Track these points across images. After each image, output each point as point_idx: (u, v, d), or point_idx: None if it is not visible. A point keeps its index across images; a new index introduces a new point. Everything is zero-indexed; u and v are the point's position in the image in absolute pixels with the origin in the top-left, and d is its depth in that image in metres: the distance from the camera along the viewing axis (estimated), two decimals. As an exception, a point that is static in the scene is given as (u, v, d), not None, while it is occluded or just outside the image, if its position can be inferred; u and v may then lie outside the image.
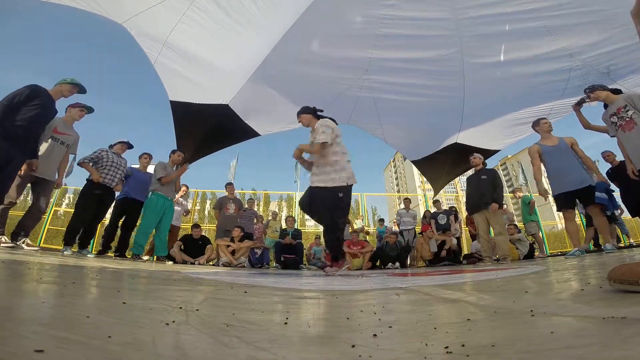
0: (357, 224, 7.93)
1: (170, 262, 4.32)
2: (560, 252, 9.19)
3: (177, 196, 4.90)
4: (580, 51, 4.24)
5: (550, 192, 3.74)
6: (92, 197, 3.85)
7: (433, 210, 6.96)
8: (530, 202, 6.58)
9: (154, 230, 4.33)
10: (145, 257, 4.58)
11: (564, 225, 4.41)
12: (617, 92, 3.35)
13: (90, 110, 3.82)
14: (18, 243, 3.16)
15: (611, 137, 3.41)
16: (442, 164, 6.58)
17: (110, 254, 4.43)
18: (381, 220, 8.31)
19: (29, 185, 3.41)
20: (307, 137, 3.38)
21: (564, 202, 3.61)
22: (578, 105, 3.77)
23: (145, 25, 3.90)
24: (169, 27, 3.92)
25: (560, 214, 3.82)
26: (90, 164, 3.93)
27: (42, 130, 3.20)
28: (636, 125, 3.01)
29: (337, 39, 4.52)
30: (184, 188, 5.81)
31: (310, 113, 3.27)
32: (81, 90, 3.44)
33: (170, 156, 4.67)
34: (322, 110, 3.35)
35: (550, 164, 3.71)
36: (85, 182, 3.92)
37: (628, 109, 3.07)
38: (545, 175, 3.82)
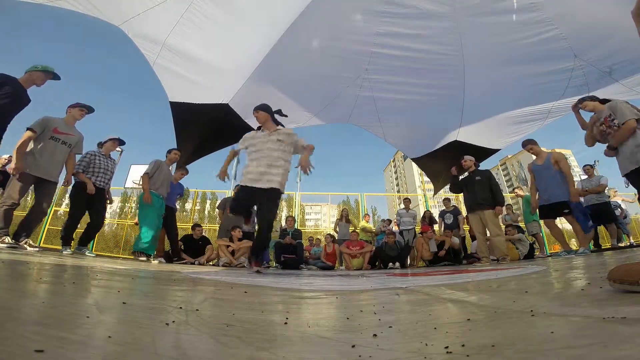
0: (364, 224, 7.94)
1: (156, 262, 4.17)
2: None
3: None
4: (585, 51, 4.23)
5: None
6: (83, 197, 3.82)
7: (442, 208, 6.92)
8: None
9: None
10: (155, 261, 4.42)
11: (562, 227, 4.56)
12: (606, 102, 3.38)
13: (90, 110, 3.81)
14: (20, 243, 3.16)
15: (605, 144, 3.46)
16: (442, 161, 6.58)
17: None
18: (383, 221, 8.30)
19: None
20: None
21: (542, 213, 4.28)
22: (576, 106, 3.78)
23: (143, 27, 3.88)
24: (167, 28, 3.91)
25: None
26: (81, 170, 3.85)
27: (11, 119, 3.08)
28: None
29: (337, 37, 4.53)
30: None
31: (270, 113, 3.20)
32: (55, 77, 3.30)
33: (167, 155, 4.65)
34: (279, 112, 3.29)
35: (537, 180, 4.33)
36: (73, 182, 3.85)
37: (613, 117, 3.10)
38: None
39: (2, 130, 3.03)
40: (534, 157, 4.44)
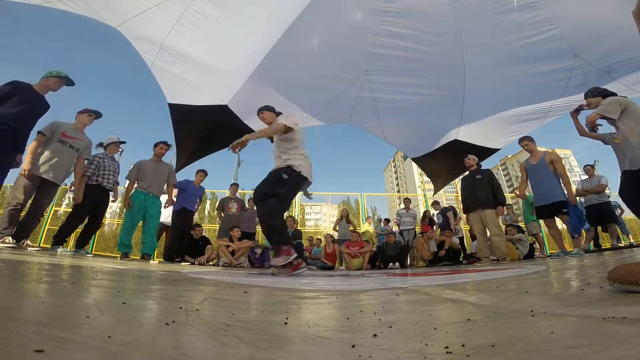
0: (366, 226, 7.97)
1: (155, 262, 4.22)
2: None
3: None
4: (584, 50, 4.23)
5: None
6: (90, 199, 3.84)
7: (432, 212, 6.97)
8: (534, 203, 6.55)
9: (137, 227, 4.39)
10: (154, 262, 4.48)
11: (562, 227, 4.55)
12: (612, 94, 3.38)
13: (98, 115, 3.86)
14: (20, 244, 3.17)
15: (605, 144, 3.50)
16: (442, 160, 6.59)
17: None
18: (381, 220, 8.32)
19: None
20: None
21: (540, 213, 4.31)
22: (576, 112, 3.79)
23: (141, 28, 3.86)
24: (165, 29, 3.89)
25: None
26: (89, 174, 3.89)
27: (32, 125, 3.15)
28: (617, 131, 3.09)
29: (337, 38, 4.52)
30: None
31: (275, 113, 3.15)
32: (69, 82, 3.38)
33: (153, 150, 4.60)
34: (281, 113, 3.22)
35: (531, 179, 4.34)
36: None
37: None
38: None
39: (24, 137, 3.12)
40: (529, 154, 4.43)
